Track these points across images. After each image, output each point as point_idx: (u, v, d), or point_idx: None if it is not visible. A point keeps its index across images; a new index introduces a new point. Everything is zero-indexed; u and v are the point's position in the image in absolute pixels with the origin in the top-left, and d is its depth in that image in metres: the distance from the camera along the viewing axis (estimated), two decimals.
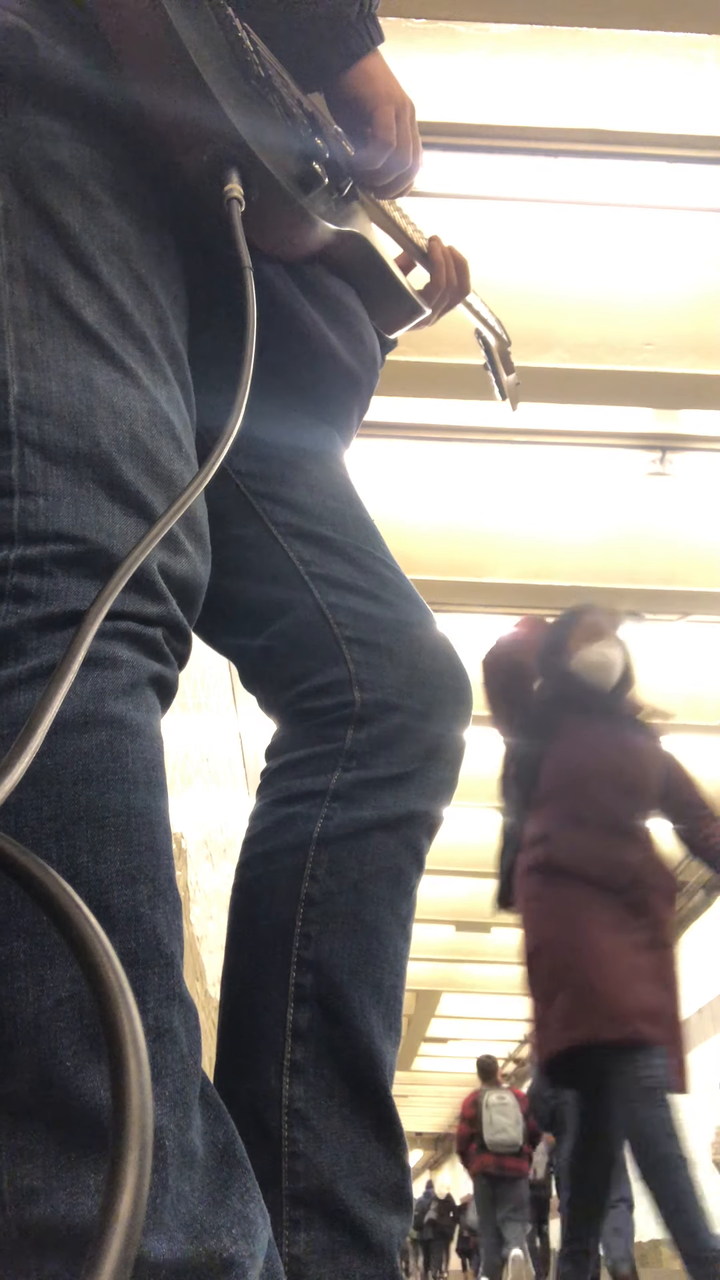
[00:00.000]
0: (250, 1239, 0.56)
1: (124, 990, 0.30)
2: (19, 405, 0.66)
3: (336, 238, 0.87)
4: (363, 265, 0.93)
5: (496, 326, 1.18)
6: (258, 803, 0.87)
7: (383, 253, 0.95)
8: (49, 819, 0.58)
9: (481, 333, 1.18)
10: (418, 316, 1.01)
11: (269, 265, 0.87)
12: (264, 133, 0.77)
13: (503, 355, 1.20)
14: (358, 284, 0.96)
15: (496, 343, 1.19)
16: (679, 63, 2.91)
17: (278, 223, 0.81)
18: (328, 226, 0.83)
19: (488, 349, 1.19)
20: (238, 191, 0.75)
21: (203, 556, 0.74)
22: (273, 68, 0.82)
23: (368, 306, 0.98)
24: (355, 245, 0.90)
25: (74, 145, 0.74)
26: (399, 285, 0.97)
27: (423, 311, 1.01)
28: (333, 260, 0.91)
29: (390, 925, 0.80)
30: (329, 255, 0.90)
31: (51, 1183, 0.52)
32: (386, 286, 0.97)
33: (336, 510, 0.91)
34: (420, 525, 4.48)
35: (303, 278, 0.90)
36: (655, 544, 4.53)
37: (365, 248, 0.92)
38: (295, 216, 0.81)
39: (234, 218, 0.75)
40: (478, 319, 1.15)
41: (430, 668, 0.86)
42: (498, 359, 1.19)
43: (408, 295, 0.98)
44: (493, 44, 2.87)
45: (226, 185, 0.75)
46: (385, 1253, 0.72)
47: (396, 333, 1.02)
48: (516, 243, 3.51)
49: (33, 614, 0.62)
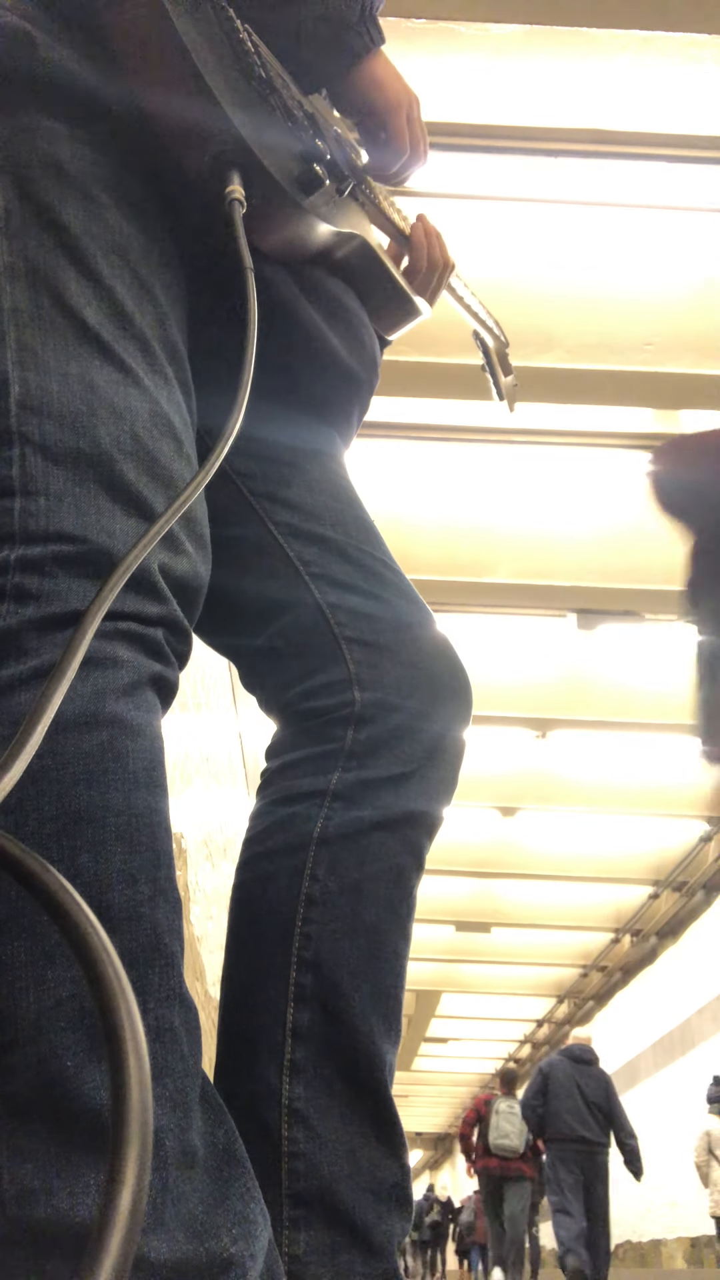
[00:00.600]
0: (250, 1239, 0.56)
1: (124, 986, 0.30)
2: (20, 406, 0.66)
3: (337, 239, 0.87)
4: (363, 266, 0.94)
5: (495, 328, 1.18)
6: (258, 802, 0.87)
7: (383, 254, 0.95)
8: (50, 819, 0.58)
9: (480, 334, 1.18)
10: (417, 317, 1.01)
11: (270, 266, 0.87)
12: (265, 134, 0.77)
13: (501, 357, 1.20)
14: (358, 285, 0.96)
15: (494, 344, 1.19)
16: (679, 63, 2.91)
17: (279, 224, 0.81)
18: (328, 228, 0.84)
19: (485, 350, 1.19)
20: (239, 193, 0.75)
21: (203, 557, 0.74)
22: (273, 69, 0.82)
23: (367, 307, 0.98)
24: (355, 246, 0.91)
25: (75, 146, 0.74)
26: (399, 286, 0.97)
27: (421, 313, 1.01)
28: (333, 261, 0.92)
29: (390, 925, 0.80)
30: (329, 256, 0.90)
31: (52, 1183, 0.52)
32: (386, 287, 0.97)
33: (336, 510, 0.91)
34: (420, 525, 4.48)
35: (304, 279, 0.91)
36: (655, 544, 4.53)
37: (365, 249, 0.92)
38: (296, 218, 0.81)
39: (235, 218, 0.75)
40: (475, 320, 1.16)
41: (430, 668, 0.86)
42: (495, 360, 1.19)
43: (407, 296, 0.98)
44: (493, 44, 2.87)
45: (228, 186, 0.75)
46: (385, 1253, 0.72)
47: (395, 334, 1.02)
48: (516, 243, 3.51)
49: (33, 614, 0.62)
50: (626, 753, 6.33)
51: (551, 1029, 13.00)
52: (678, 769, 6.56)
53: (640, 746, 6.26)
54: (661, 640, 5.30)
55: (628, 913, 8.92)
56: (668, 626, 5.05)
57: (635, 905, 8.69)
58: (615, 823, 7.18)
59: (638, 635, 5.22)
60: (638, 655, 5.47)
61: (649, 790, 6.73)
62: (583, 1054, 6.22)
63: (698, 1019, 8.38)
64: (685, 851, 7.51)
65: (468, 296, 1.13)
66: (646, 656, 5.48)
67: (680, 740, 6.09)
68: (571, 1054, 6.24)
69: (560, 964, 10.42)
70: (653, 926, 8.98)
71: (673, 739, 6.07)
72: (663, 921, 8.74)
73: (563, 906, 8.72)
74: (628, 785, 6.65)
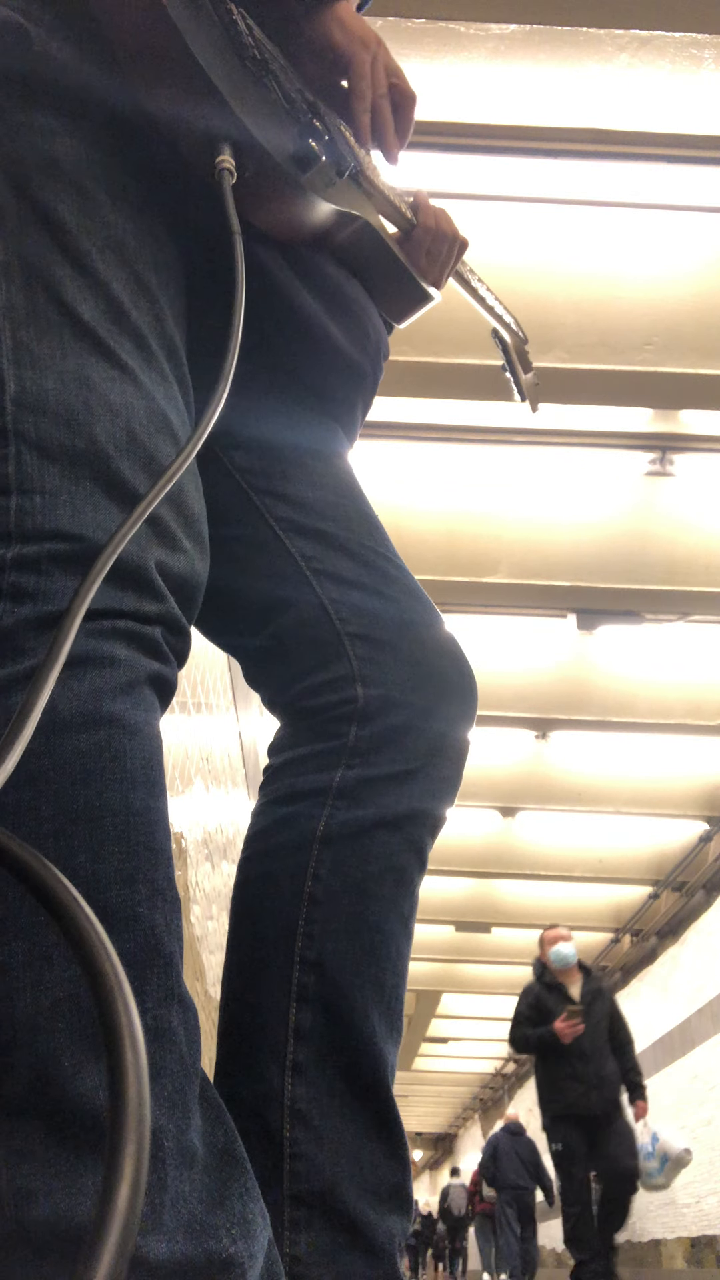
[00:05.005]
0: (250, 1239, 0.56)
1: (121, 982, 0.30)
2: (15, 403, 0.66)
3: (338, 219, 0.85)
4: (369, 252, 0.92)
5: (512, 324, 1.16)
6: (260, 799, 0.86)
7: (389, 239, 0.93)
8: (47, 818, 0.58)
9: (499, 331, 1.15)
10: (427, 303, 0.98)
11: (266, 252, 0.86)
12: (258, 110, 0.77)
13: (520, 354, 1.17)
14: (364, 272, 0.94)
15: (513, 340, 1.16)
16: (679, 63, 2.91)
17: (274, 200, 0.80)
18: (327, 206, 0.83)
19: (505, 348, 1.16)
20: (229, 163, 0.75)
21: (201, 554, 0.73)
22: (269, 51, 0.81)
23: (374, 295, 0.96)
24: (359, 230, 0.89)
25: (70, 142, 0.74)
26: (406, 272, 0.95)
27: (431, 298, 0.99)
28: (336, 247, 0.90)
29: (393, 924, 0.79)
30: (332, 241, 0.88)
31: (50, 1183, 0.52)
32: (393, 273, 0.95)
33: (339, 506, 0.90)
34: (421, 525, 4.47)
35: (302, 266, 0.89)
36: (655, 544, 4.53)
37: (369, 232, 0.90)
38: (292, 195, 0.80)
39: (224, 186, 0.75)
40: (492, 315, 1.13)
41: (434, 665, 0.85)
42: (515, 358, 1.16)
43: (416, 282, 0.96)
44: (493, 44, 2.87)
45: (218, 158, 0.75)
46: (386, 1253, 0.71)
47: (406, 321, 1.00)
48: (516, 243, 3.50)
49: (30, 613, 0.62)
50: (626, 753, 6.32)
51: None
52: (678, 769, 6.55)
53: (640, 746, 6.25)
54: (661, 640, 5.29)
55: (628, 913, 8.91)
56: (668, 626, 5.04)
57: (635, 905, 8.68)
58: (615, 823, 7.17)
59: (638, 635, 5.21)
60: (638, 655, 5.47)
61: (649, 790, 6.72)
62: (516, 1129, 9.05)
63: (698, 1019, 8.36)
64: (685, 851, 7.50)
65: (482, 290, 1.10)
66: (646, 656, 5.47)
67: (680, 740, 6.08)
68: (508, 1129, 9.07)
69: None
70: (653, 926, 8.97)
71: (673, 739, 6.07)
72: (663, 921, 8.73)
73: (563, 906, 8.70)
74: (628, 785, 6.64)
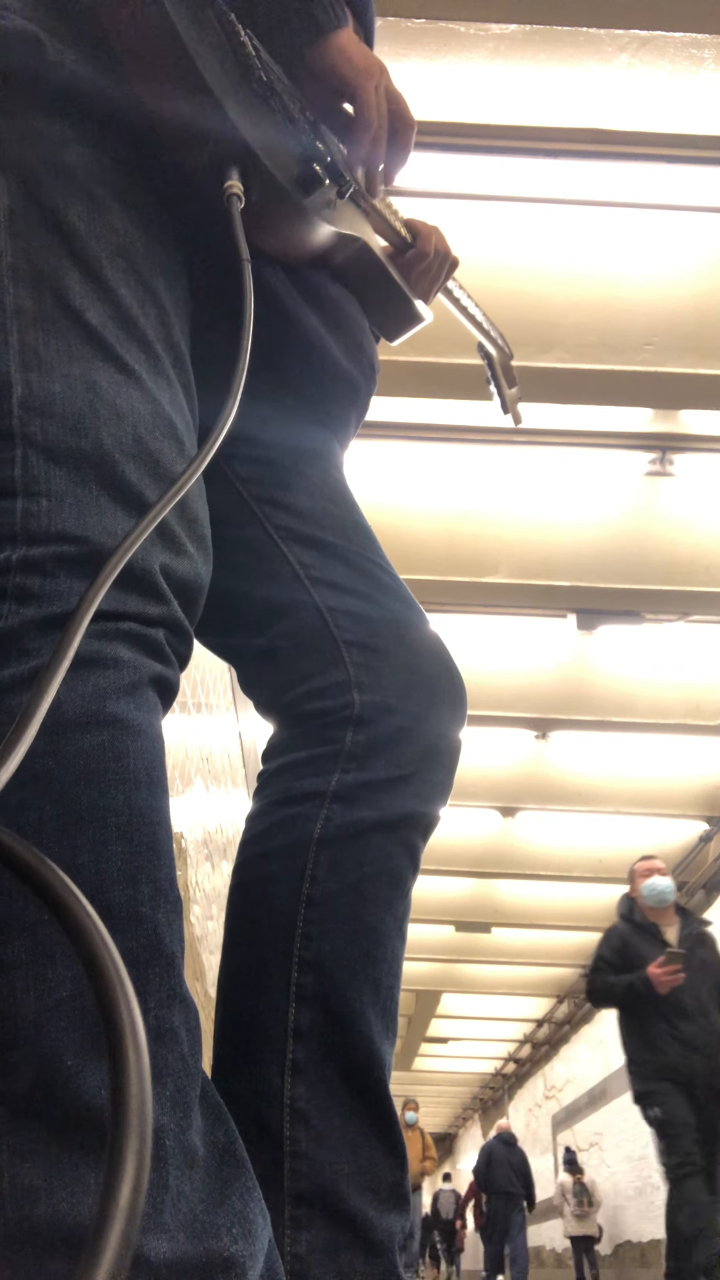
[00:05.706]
0: (250, 1238, 0.56)
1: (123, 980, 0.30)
2: (22, 406, 0.66)
3: (338, 240, 0.87)
4: (365, 271, 0.93)
5: (498, 339, 1.18)
6: (256, 803, 0.87)
7: (384, 258, 0.95)
8: (50, 819, 0.58)
9: (484, 346, 1.18)
10: (420, 322, 1.00)
11: (271, 271, 0.87)
12: (265, 133, 0.77)
13: (505, 368, 1.20)
14: (359, 290, 0.96)
15: (498, 355, 1.18)
16: (679, 63, 2.91)
17: (279, 223, 0.81)
18: (328, 229, 0.84)
19: (490, 362, 1.19)
20: (238, 188, 0.76)
21: (204, 558, 0.74)
22: (275, 74, 0.82)
23: (369, 312, 0.98)
24: (356, 250, 0.91)
25: (81, 149, 0.74)
26: (401, 290, 0.97)
27: (424, 318, 1.01)
28: (334, 265, 0.92)
29: (389, 926, 0.80)
30: (330, 260, 0.90)
31: (52, 1182, 0.52)
32: (388, 292, 0.97)
33: (335, 515, 0.91)
34: (420, 525, 4.47)
35: (304, 284, 0.91)
36: (655, 544, 4.53)
37: (366, 253, 0.92)
38: (296, 217, 0.81)
39: (233, 212, 0.75)
40: (478, 330, 1.15)
41: (426, 671, 0.87)
42: (499, 372, 1.19)
43: (410, 302, 0.98)
44: (493, 44, 2.87)
45: (227, 182, 0.76)
46: (385, 1251, 0.72)
47: (398, 339, 1.02)
48: (517, 243, 3.50)
49: (35, 614, 0.62)
50: (626, 753, 6.32)
51: (551, 1029, 12.99)
52: (678, 769, 6.55)
53: (640, 746, 6.25)
54: (661, 640, 5.30)
55: None
56: (668, 626, 5.05)
57: None
58: (615, 823, 7.17)
59: (638, 635, 5.22)
60: (638, 655, 5.47)
61: (649, 790, 6.72)
62: (509, 1139, 9.89)
63: None
64: (685, 851, 7.50)
65: (471, 306, 1.13)
66: (646, 656, 5.47)
67: (680, 740, 6.08)
68: (502, 1139, 9.87)
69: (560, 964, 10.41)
70: None
71: (673, 739, 6.07)
72: None
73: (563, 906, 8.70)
74: (628, 785, 6.64)
